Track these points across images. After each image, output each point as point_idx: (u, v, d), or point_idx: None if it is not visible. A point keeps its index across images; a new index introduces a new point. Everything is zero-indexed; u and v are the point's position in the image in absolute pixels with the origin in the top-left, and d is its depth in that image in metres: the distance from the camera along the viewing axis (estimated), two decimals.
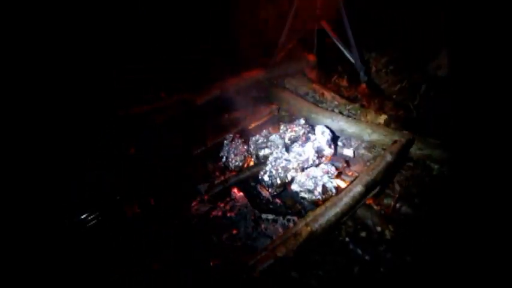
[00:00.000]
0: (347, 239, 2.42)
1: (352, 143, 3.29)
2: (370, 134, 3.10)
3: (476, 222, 2.30)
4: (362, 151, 3.18)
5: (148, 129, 3.44)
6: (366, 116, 3.39)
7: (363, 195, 2.41)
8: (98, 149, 3.15)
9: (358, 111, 3.49)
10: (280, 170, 2.79)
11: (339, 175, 2.83)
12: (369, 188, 2.44)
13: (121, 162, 3.09)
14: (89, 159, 3.05)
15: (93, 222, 2.63)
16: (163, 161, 3.19)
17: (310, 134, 3.10)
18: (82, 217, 2.62)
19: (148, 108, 3.58)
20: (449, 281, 2.06)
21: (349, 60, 4.03)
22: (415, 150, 2.89)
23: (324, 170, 2.76)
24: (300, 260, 2.18)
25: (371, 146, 3.18)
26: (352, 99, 3.80)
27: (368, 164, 3.01)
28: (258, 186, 2.94)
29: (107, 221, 2.66)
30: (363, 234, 2.46)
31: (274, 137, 3.13)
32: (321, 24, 4.11)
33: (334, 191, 2.64)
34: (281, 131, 3.19)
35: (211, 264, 2.27)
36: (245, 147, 3.16)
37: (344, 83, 4.21)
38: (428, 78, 3.59)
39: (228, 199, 2.83)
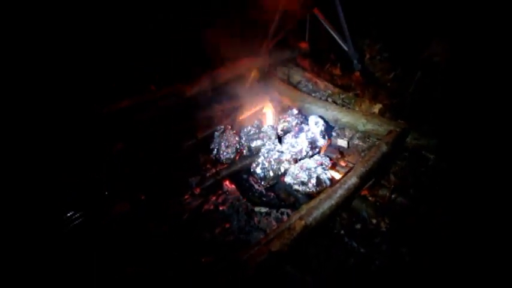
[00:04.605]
0: (342, 231, 2.39)
1: (346, 133, 3.22)
2: (364, 124, 3.04)
3: (472, 212, 2.28)
4: (356, 141, 3.13)
5: (137, 123, 3.33)
6: (360, 105, 3.33)
7: (358, 186, 2.36)
8: (84, 145, 3.03)
9: (352, 101, 3.42)
10: (273, 162, 2.73)
11: (333, 166, 2.78)
12: (364, 179, 2.39)
13: (109, 159, 2.98)
14: (75, 155, 2.94)
15: (79, 221, 2.51)
16: (153, 155, 3.10)
17: (303, 125, 3.03)
18: (66, 216, 2.50)
19: (138, 101, 3.47)
20: (445, 272, 2.04)
21: (342, 48, 3.95)
22: (410, 140, 2.83)
23: (318, 162, 2.70)
24: (294, 254, 2.12)
25: (365, 136, 3.12)
26: (345, 88, 3.73)
27: (363, 154, 2.96)
28: (251, 179, 2.88)
29: (93, 219, 2.55)
30: (358, 226, 2.42)
31: (266, 127, 3.07)
32: (314, 12, 4.01)
33: (328, 182, 2.59)
34: (273, 122, 3.11)
35: (203, 261, 2.21)
36: (236, 138, 3.08)
37: (337, 71, 4.12)
38: (423, 65, 3.52)
39: (219, 192, 2.78)
